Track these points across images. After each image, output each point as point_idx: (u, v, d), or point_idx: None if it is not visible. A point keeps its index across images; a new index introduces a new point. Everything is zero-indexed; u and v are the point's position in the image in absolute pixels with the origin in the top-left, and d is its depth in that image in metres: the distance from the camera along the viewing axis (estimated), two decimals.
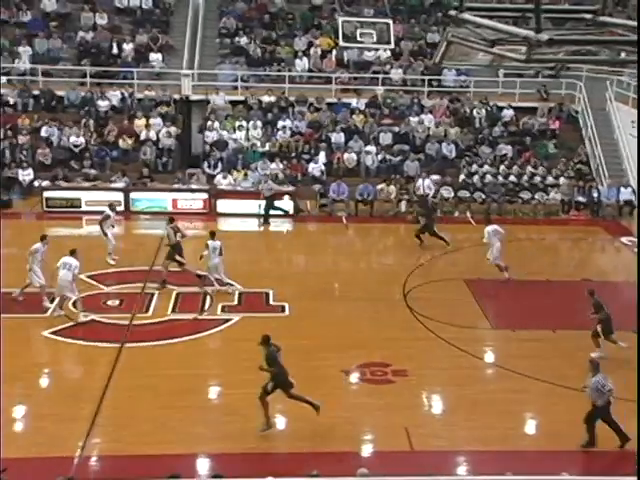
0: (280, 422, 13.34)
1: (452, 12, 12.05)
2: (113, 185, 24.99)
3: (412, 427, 12.94)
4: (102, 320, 16.88)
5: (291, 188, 25.25)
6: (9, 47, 28.51)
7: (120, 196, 24.39)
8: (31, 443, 12.55)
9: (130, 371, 14.75)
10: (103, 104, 27.80)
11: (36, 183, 24.86)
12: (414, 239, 21.85)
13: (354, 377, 14.88)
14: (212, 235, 18.33)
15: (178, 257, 18.49)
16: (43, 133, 26.54)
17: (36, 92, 27.70)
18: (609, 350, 15.41)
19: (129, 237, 23.26)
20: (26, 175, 25.00)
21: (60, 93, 27.87)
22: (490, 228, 19.58)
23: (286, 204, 24.58)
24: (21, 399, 14.08)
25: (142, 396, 13.77)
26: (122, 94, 28.11)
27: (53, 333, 16.16)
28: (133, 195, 24.61)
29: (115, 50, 29.34)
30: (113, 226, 20.19)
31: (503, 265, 19.41)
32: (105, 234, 19.93)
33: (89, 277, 18.91)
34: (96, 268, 19.37)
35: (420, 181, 25.08)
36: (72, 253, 16.86)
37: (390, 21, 20.43)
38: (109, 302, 17.80)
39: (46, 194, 24.15)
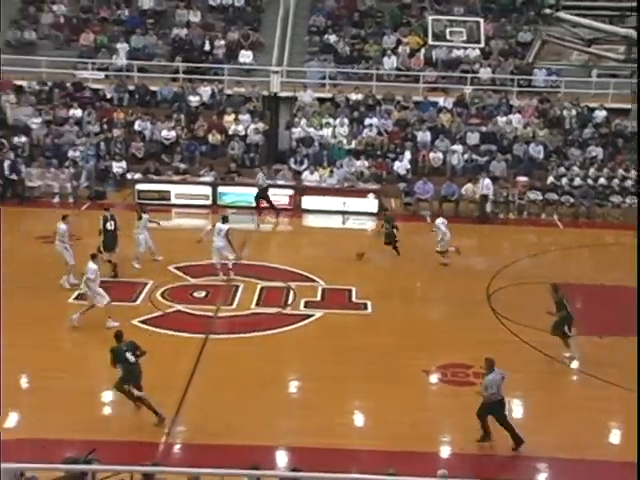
0: (359, 419, 13.46)
1: (547, 11, 11.91)
2: (201, 179, 25.53)
3: (493, 430, 12.85)
4: (188, 311, 17.33)
5: (376, 186, 25.33)
6: (108, 44, 29.42)
7: (208, 190, 24.93)
8: (119, 428, 13.02)
9: (214, 362, 15.12)
10: (194, 99, 28.41)
11: (129, 175, 25.59)
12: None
13: (435, 377, 14.88)
14: (224, 219, 18.90)
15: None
16: (137, 127, 27.30)
17: (131, 87, 28.50)
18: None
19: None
20: (120, 167, 25.77)
21: (154, 88, 28.59)
22: (440, 220, 20.53)
23: (370, 202, 24.65)
24: (110, 385, 14.59)
25: (225, 387, 14.09)
26: (212, 90, 28.66)
27: (142, 322, 16.67)
28: (221, 189, 25.09)
29: (207, 47, 29.92)
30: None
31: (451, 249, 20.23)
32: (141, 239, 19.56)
33: (177, 269, 19.44)
34: (183, 260, 19.88)
35: (480, 181, 24.83)
36: (93, 257, 16.78)
37: (481, 20, 20.27)
38: (195, 294, 18.23)
39: (138, 186, 24.85)
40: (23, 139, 26.14)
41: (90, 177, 25.59)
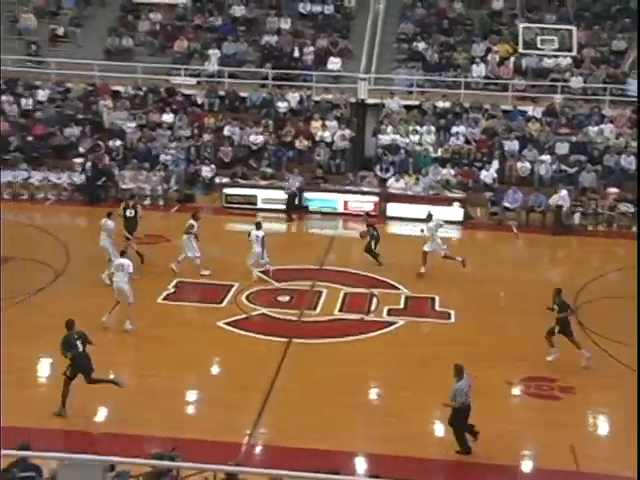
0: (438, 429, 13.44)
1: None
2: (287, 184, 25.81)
3: (579, 447, 12.65)
4: (272, 315, 17.60)
5: (462, 194, 25.19)
6: (200, 50, 30.10)
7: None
8: (202, 427, 13.30)
9: (297, 366, 15.32)
10: (282, 105, 28.80)
11: (217, 180, 26.11)
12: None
13: (518, 389, 14.74)
14: (257, 226, 19.34)
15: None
16: (226, 132, 27.83)
17: (222, 93, 29.07)
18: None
19: (301, 236, 24.08)
20: (208, 172, 26.33)
21: (243, 94, 29.11)
22: (432, 224, 20.04)
23: (455, 211, 24.52)
24: (195, 384, 15.01)
25: (307, 391, 14.27)
26: (301, 96, 28.99)
27: (227, 324, 17.02)
28: (306, 195, 25.36)
29: (296, 54, 30.29)
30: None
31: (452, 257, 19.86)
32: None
33: (262, 272, 19.73)
34: (270, 263, 20.17)
35: (558, 192, 24.31)
36: (122, 254, 17.26)
37: (573, 27, 19.96)
38: (279, 297, 18.49)
39: (226, 190, 25.34)
40: (118, 142, 26.99)
41: (180, 180, 26.23)
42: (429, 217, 20.46)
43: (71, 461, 7.21)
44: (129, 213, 20.13)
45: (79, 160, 26.09)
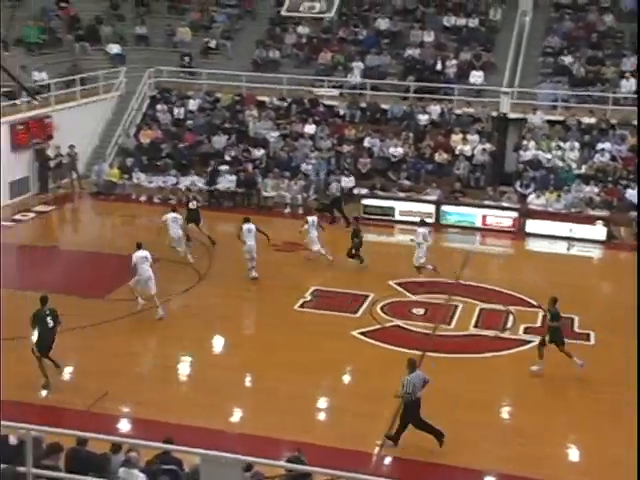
0: (569, 452, 13.18)
1: None
2: (426, 197, 25.90)
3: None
4: (406, 327, 17.72)
5: (605, 213, 24.48)
6: (344, 62, 30.62)
7: (432, 208, 25.26)
8: (332, 434, 13.59)
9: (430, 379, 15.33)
10: (423, 118, 28.87)
11: (356, 190, 26.47)
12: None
13: None
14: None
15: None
16: (366, 143, 28.18)
17: (363, 105, 29.45)
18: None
19: (437, 249, 24.00)
20: (348, 182, 26.74)
21: (385, 106, 29.37)
22: (423, 230, 20.53)
23: (598, 230, 23.85)
24: (327, 391, 15.34)
25: (438, 405, 14.23)
26: (442, 109, 28.97)
27: (361, 334, 17.27)
28: (444, 208, 25.33)
29: (439, 67, 30.29)
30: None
31: (428, 266, 20.24)
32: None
33: (397, 284, 19.90)
34: (404, 276, 20.35)
35: None
36: (139, 247, 17.99)
37: None
38: (414, 310, 18.59)
39: (364, 201, 25.66)
40: (261, 151, 27.85)
41: (319, 190, 26.77)
42: (423, 223, 21.41)
43: (214, 458, 7.59)
44: (192, 205, 22.24)
45: (225, 168, 27.09)
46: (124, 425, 13.92)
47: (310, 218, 21.32)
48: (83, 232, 24.17)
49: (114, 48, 31.31)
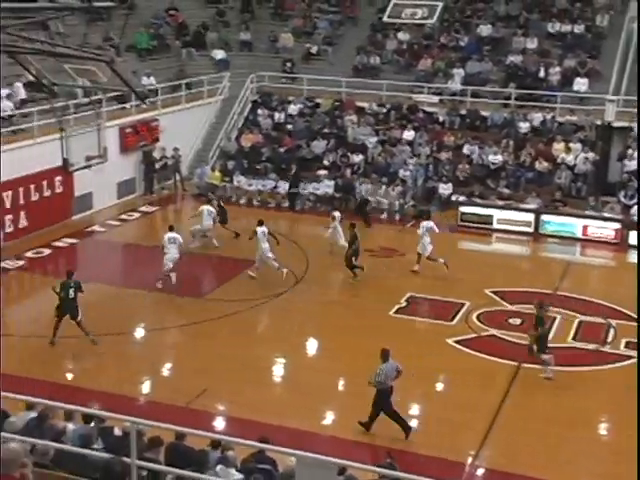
0: None
1: None
2: (525, 205, 25.52)
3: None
4: (503, 337, 17.52)
5: None
6: (444, 69, 30.47)
7: (531, 217, 24.87)
8: (424, 442, 13.54)
9: (525, 391, 15.18)
10: (524, 126, 28.44)
11: (453, 197, 26.31)
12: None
13: None
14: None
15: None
16: (465, 150, 27.97)
17: (463, 111, 29.23)
18: None
19: (535, 259, 23.70)
20: (445, 189, 26.60)
21: (485, 113, 29.08)
22: (427, 224, 21.07)
23: None
24: (420, 399, 15.32)
25: (533, 418, 14.12)
26: (544, 117, 28.48)
27: (456, 342, 17.18)
28: (544, 217, 24.89)
29: (542, 74, 29.78)
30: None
31: (434, 258, 20.62)
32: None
33: (493, 292, 19.70)
34: (501, 285, 20.13)
35: None
36: (171, 229, 19.86)
37: None
38: (511, 320, 18.36)
39: (462, 209, 25.47)
40: (360, 157, 28.01)
41: (416, 196, 26.72)
42: (426, 215, 22.30)
43: (310, 460, 7.74)
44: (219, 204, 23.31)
45: (322, 172, 27.37)
46: (220, 423, 14.29)
47: (337, 214, 22.09)
48: (184, 233, 24.74)
49: (219, 54, 32.06)
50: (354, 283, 20.18)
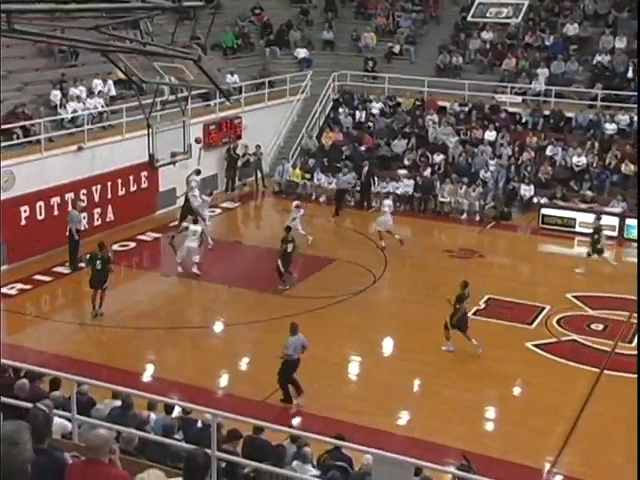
0: None
1: None
2: (609, 209, 24.94)
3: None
4: (584, 342, 17.20)
5: None
6: (528, 69, 29.99)
7: (615, 221, 24.29)
8: (501, 445, 13.44)
9: (607, 399, 14.87)
10: (610, 127, 27.80)
11: (535, 199, 25.90)
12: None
13: None
14: (194, 221, 20.51)
15: None
16: (548, 152, 27.49)
17: (547, 112, 28.71)
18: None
19: (621, 264, 23.10)
20: (527, 191, 26.20)
21: (569, 114, 28.51)
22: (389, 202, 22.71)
23: None
24: (498, 402, 15.19)
25: (616, 427, 13.81)
26: (630, 118, 27.76)
27: (536, 346, 16.94)
28: (629, 222, 24.28)
29: (630, 74, 29.03)
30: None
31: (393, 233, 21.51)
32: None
33: (575, 297, 19.35)
34: (583, 289, 19.77)
35: None
36: (195, 222, 20.24)
37: None
38: (593, 325, 18.00)
39: (543, 211, 25.03)
40: (440, 157, 27.84)
41: (497, 197, 26.40)
42: (387, 195, 24.00)
43: (387, 459, 7.76)
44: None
45: (402, 172, 27.30)
46: (297, 418, 14.42)
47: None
48: (265, 229, 25.11)
49: (301, 52, 32.28)
50: (431, 285, 20.01)
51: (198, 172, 23.10)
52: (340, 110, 30.62)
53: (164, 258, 22.74)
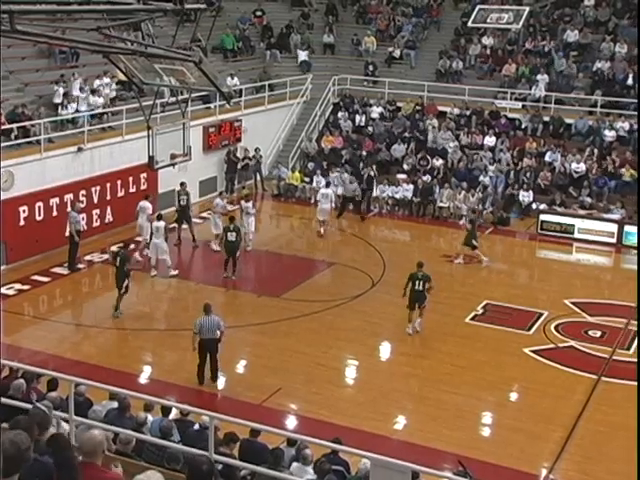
0: None
1: None
2: (607, 215, 24.96)
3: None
4: (582, 349, 17.19)
5: None
6: (528, 75, 30.02)
7: (614, 227, 24.31)
8: (502, 452, 13.38)
9: (605, 406, 14.86)
10: (609, 134, 27.83)
11: (534, 205, 25.91)
12: None
13: None
14: (159, 217, 20.60)
15: None
16: (547, 158, 27.50)
17: (546, 118, 28.74)
18: None
19: (618, 270, 23.17)
20: (526, 196, 26.21)
21: (569, 121, 28.53)
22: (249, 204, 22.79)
23: None
24: (495, 408, 15.16)
25: (614, 434, 13.80)
26: (630, 125, 27.78)
27: (534, 352, 16.93)
28: (627, 228, 24.29)
29: (630, 81, 29.06)
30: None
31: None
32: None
33: (573, 304, 19.35)
34: (581, 296, 19.76)
35: None
36: (159, 218, 20.31)
37: None
38: (590, 332, 18.00)
39: (542, 217, 25.04)
40: (440, 161, 27.84)
41: (496, 203, 26.40)
42: (246, 196, 23.93)
43: (385, 463, 7.75)
44: (182, 202, 23.01)
45: (402, 176, 27.31)
46: (293, 422, 14.40)
47: (218, 201, 22.84)
48: (263, 232, 25.03)
49: (302, 56, 32.31)
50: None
51: (147, 196, 22.71)
52: (340, 114, 30.64)
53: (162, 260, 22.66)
